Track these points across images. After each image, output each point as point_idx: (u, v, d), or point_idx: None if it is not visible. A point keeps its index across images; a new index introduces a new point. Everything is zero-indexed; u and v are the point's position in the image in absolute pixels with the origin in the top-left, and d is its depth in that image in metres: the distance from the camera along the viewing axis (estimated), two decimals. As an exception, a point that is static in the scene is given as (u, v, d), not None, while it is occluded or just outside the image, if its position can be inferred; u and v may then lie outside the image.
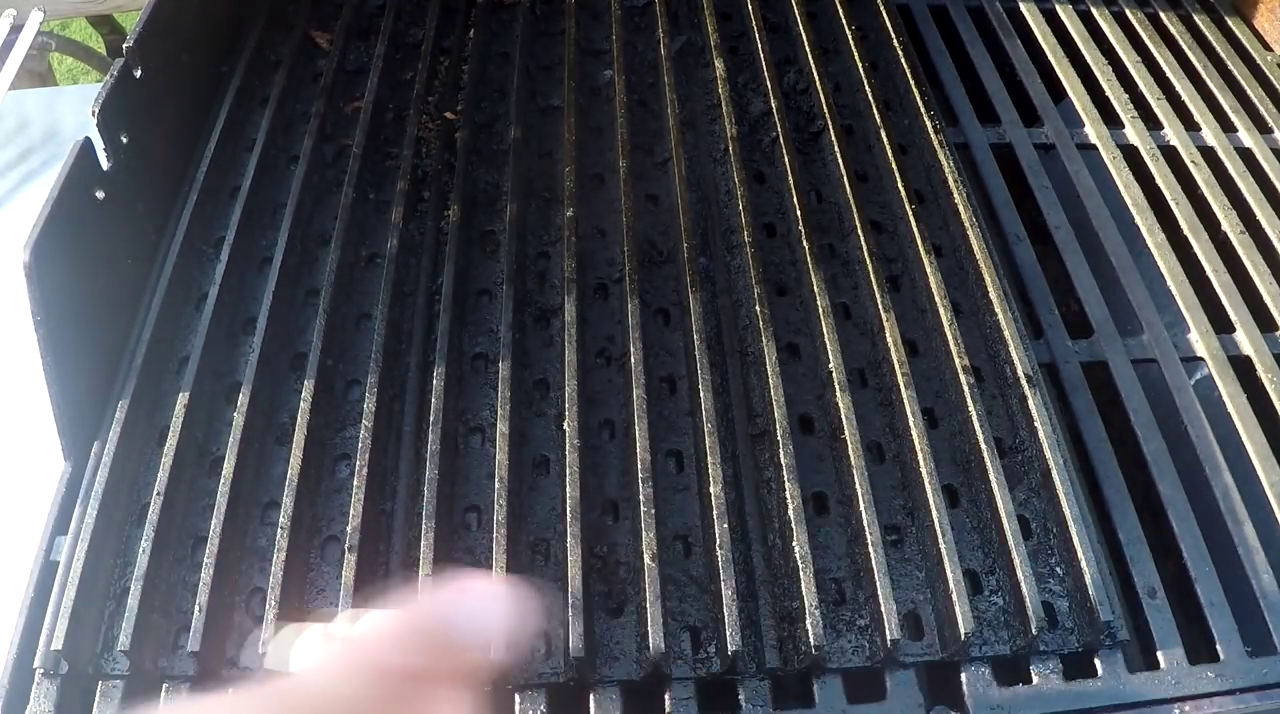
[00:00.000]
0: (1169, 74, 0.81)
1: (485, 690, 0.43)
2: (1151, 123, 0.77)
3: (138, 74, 0.61)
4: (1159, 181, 0.72)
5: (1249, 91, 0.81)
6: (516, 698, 0.46)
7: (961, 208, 0.65)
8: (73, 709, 0.45)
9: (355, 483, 0.50)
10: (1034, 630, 0.47)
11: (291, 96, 0.73)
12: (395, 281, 0.59)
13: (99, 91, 0.57)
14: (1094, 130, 0.76)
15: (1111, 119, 0.77)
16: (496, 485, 0.50)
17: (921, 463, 0.51)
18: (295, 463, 0.51)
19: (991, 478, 0.52)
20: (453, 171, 0.67)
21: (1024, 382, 0.56)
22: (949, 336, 0.58)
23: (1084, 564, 0.49)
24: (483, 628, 0.29)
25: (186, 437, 0.53)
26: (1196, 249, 0.68)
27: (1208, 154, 0.75)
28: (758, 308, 0.58)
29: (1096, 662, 0.49)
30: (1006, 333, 0.58)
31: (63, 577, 0.47)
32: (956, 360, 0.57)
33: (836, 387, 0.55)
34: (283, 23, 0.80)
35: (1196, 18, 0.89)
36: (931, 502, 0.50)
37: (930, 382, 0.59)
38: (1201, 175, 0.73)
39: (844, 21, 0.79)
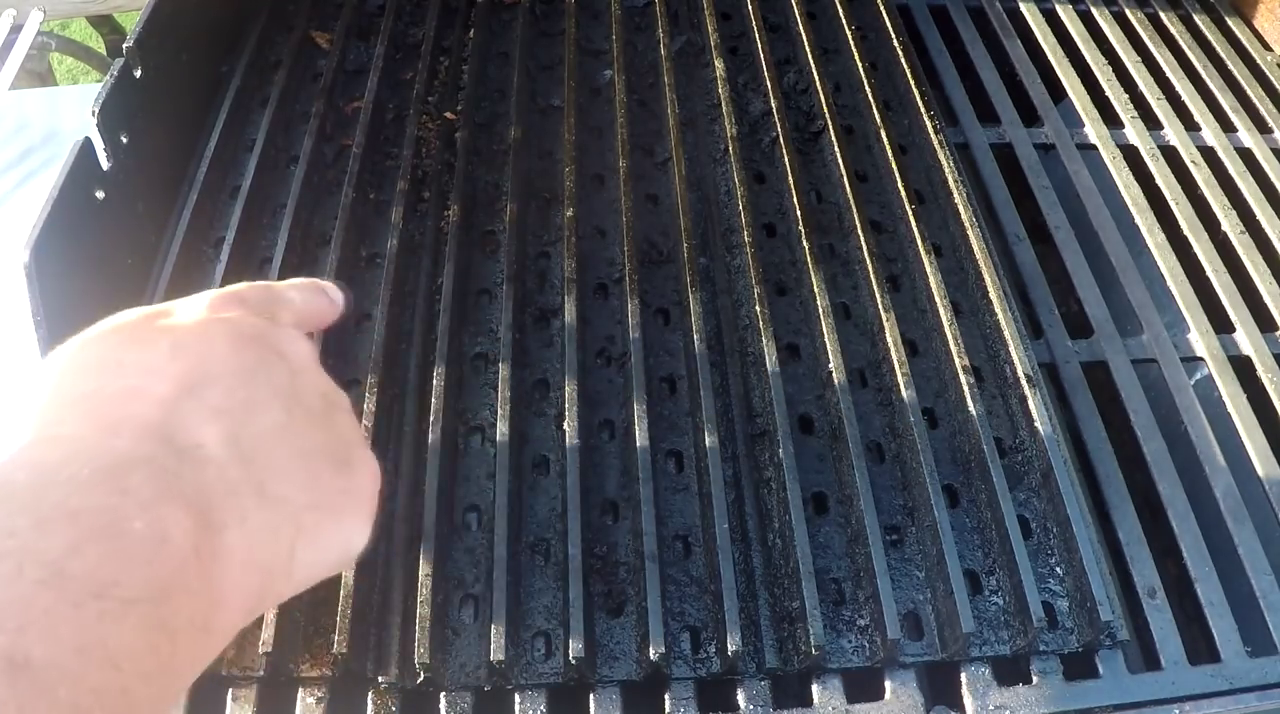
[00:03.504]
0: (1169, 74, 0.81)
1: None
2: (1151, 123, 0.77)
3: (138, 74, 0.61)
4: (1159, 181, 0.72)
5: (1249, 91, 0.81)
6: (516, 698, 0.46)
7: (961, 208, 0.65)
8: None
9: (355, 483, 0.50)
10: (1034, 630, 0.47)
11: (291, 96, 0.73)
12: (395, 281, 0.59)
13: (99, 91, 0.57)
14: (1094, 130, 0.76)
15: (1111, 119, 0.77)
16: (496, 485, 0.50)
17: (922, 463, 0.51)
18: (295, 463, 0.51)
19: (992, 478, 0.52)
20: (453, 171, 0.67)
21: (1024, 382, 0.56)
22: (949, 336, 0.58)
23: (1084, 564, 0.49)
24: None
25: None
26: (1196, 249, 0.68)
27: (1208, 154, 0.75)
28: (758, 308, 0.58)
29: (1096, 662, 0.49)
30: (1006, 333, 0.58)
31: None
32: (956, 360, 0.57)
33: (836, 387, 0.55)
34: (283, 23, 0.80)
35: (1196, 18, 0.89)
36: (932, 502, 0.50)
37: (930, 381, 0.59)
38: (1201, 175, 0.73)
39: (844, 21, 0.79)
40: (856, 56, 0.76)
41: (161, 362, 0.31)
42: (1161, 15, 0.88)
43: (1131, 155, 0.74)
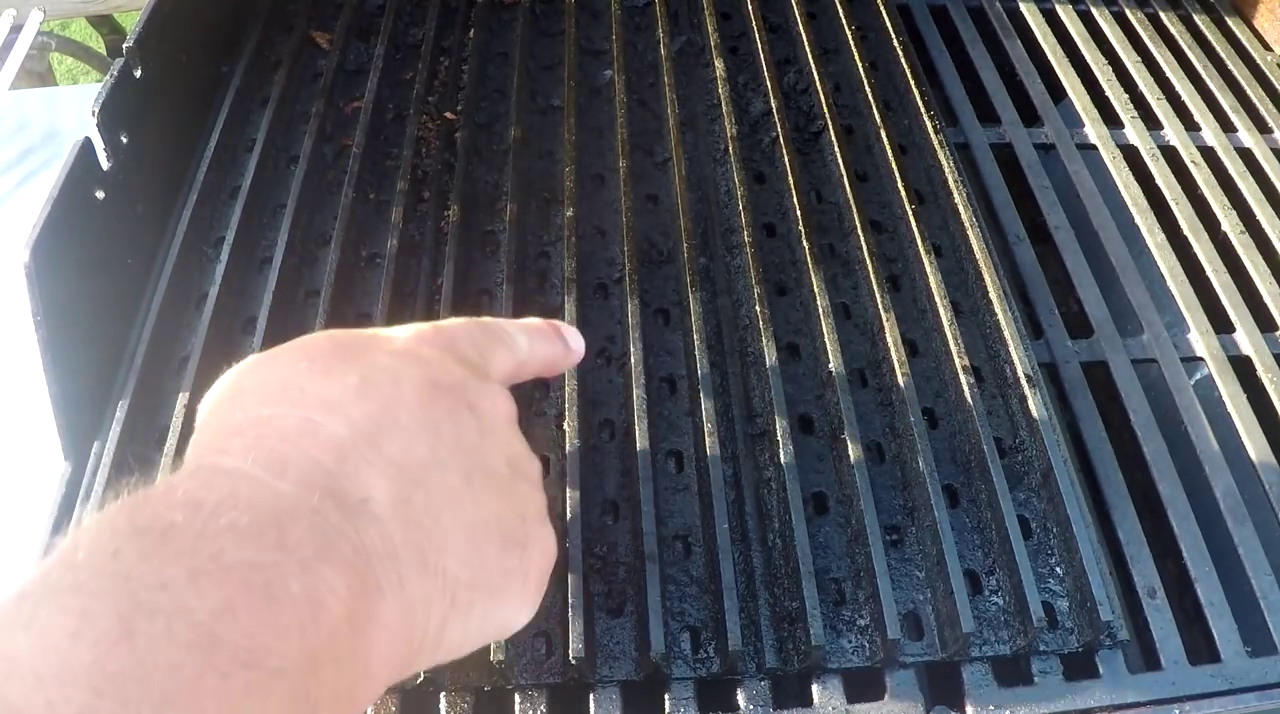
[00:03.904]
0: (1169, 74, 0.81)
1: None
2: (1151, 123, 0.77)
3: (138, 74, 0.61)
4: (1159, 181, 0.72)
5: (1249, 91, 0.81)
6: (516, 698, 0.46)
7: (961, 208, 0.65)
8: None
9: (355, 483, 0.50)
10: (1034, 630, 0.47)
11: (291, 96, 0.73)
12: (395, 281, 0.59)
13: (99, 91, 0.57)
14: (1094, 130, 0.76)
15: (1111, 119, 0.77)
16: (496, 485, 0.50)
17: (921, 463, 0.51)
18: (295, 463, 0.51)
19: (992, 478, 0.52)
20: (453, 171, 0.67)
21: (1024, 382, 0.56)
22: (949, 336, 0.58)
23: (1084, 564, 0.49)
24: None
25: (187, 437, 0.53)
26: (1196, 249, 0.68)
27: (1208, 154, 0.75)
28: (758, 308, 0.58)
29: (1097, 662, 0.49)
30: (1006, 333, 0.58)
31: (63, 577, 0.47)
32: (956, 360, 0.57)
33: (836, 387, 0.55)
34: (283, 23, 0.80)
35: (1196, 18, 0.89)
36: (932, 502, 0.50)
37: (930, 381, 0.59)
38: (1201, 175, 0.73)
39: (844, 21, 0.79)
40: (856, 56, 0.76)
41: (345, 399, 0.29)
42: (1161, 15, 0.88)
43: (1131, 155, 0.74)
